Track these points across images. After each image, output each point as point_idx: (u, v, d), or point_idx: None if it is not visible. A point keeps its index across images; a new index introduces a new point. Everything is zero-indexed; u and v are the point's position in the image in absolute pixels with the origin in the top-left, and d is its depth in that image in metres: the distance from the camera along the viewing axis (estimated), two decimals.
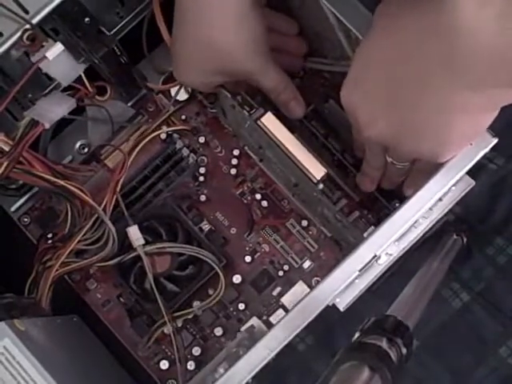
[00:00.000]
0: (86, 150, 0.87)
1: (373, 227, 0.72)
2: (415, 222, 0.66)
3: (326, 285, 0.63)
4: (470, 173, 0.67)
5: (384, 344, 0.62)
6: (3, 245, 0.84)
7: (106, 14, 0.80)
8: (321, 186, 0.74)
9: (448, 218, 0.88)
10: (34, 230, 0.86)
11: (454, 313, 0.89)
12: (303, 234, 0.85)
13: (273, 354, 0.62)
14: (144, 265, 0.78)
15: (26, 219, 0.87)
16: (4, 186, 0.82)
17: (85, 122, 0.85)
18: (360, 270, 0.64)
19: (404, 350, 0.63)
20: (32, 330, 0.69)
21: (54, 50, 0.70)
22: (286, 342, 0.62)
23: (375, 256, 0.64)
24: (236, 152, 0.86)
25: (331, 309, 0.66)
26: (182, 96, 0.86)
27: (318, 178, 0.74)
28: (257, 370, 0.62)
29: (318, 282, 0.69)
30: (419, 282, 0.78)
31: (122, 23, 0.82)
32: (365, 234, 0.71)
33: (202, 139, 0.87)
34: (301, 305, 0.63)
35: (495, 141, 0.64)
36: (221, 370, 0.70)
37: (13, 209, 0.87)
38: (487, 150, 0.65)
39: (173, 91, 0.86)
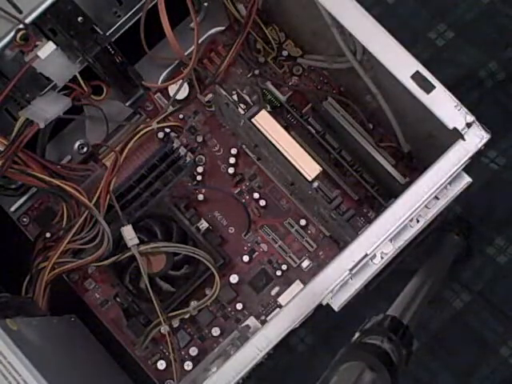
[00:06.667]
0: (85, 149, 0.87)
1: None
2: (410, 220, 0.65)
3: (316, 284, 0.63)
4: (470, 172, 0.66)
5: (384, 344, 0.61)
6: (2, 244, 0.84)
7: (104, 13, 0.80)
8: (315, 184, 0.73)
9: (448, 217, 0.87)
10: (32, 229, 0.87)
11: (455, 313, 0.88)
12: (302, 234, 0.84)
13: (262, 354, 0.61)
14: (139, 264, 0.77)
15: (25, 219, 0.87)
16: (3, 186, 0.82)
17: (84, 122, 0.85)
18: (351, 270, 0.63)
19: (404, 350, 0.63)
20: (26, 329, 0.69)
21: (46, 49, 0.70)
22: (276, 342, 0.61)
23: (366, 255, 0.63)
24: (234, 151, 0.85)
25: (330, 309, 0.66)
26: (181, 95, 0.86)
27: (313, 177, 0.73)
28: (246, 370, 0.61)
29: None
30: (419, 281, 0.77)
31: (120, 22, 0.82)
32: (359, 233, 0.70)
33: (199, 138, 0.87)
34: (291, 304, 0.62)
35: (488, 137, 0.63)
36: (213, 369, 0.70)
37: (12, 209, 0.87)
38: (481, 145, 0.64)
39: (171, 90, 0.86)
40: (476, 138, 0.64)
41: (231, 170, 0.85)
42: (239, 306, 0.83)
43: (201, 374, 0.72)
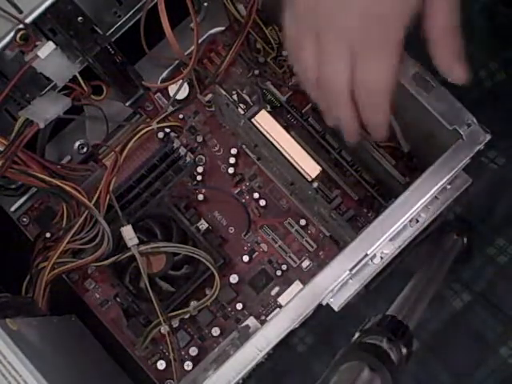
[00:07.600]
0: (85, 149, 0.87)
1: None
2: (410, 220, 0.65)
3: (316, 284, 0.63)
4: (470, 172, 0.66)
5: (384, 344, 0.61)
6: (2, 244, 0.84)
7: (104, 13, 0.80)
8: (315, 184, 0.74)
9: (448, 217, 0.87)
10: (32, 229, 0.87)
11: (455, 313, 0.88)
12: (302, 234, 0.84)
13: (262, 354, 0.61)
14: (139, 264, 0.77)
15: (24, 219, 0.87)
16: (3, 186, 0.82)
17: (84, 122, 0.85)
18: (351, 270, 0.63)
19: (404, 350, 0.63)
20: (26, 329, 0.69)
21: (46, 49, 0.70)
22: (275, 342, 0.61)
23: (366, 255, 0.63)
24: (234, 151, 0.85)
25: (330, 309, 0.66)
26: (181, 95, 0.86)
27: (313, 177, 0.73)
28: (246, 370, 0.61)
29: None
30: (419, 281, 0.77)
31: (120, 22, 0.82)
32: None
33: (199, 138, 0.87)
34: (291, 304, 0.62)
35: (488, 137, 0.63)
36: (213, 369, 0.69)
37: (12, 209, 0.87)
38: (481, 146, 0.64)
39: (171, 90, 0.86)
40: (476, 137, 0.64)
41: (231, 170, 0.85)
42: (239, 306, 0.83)
43: (201, 374, 0.72)
